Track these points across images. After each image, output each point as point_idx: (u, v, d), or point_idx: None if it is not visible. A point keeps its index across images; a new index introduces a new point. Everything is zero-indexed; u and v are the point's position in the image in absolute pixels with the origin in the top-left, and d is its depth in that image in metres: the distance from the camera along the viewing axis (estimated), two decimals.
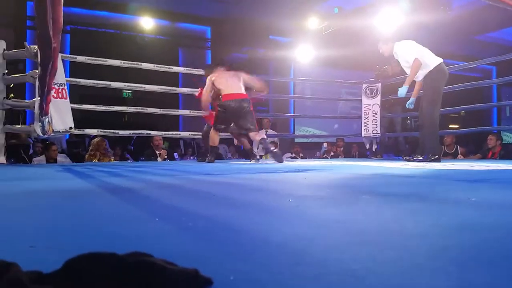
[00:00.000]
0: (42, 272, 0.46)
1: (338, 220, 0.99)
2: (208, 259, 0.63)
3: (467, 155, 6.31)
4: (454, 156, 6.09)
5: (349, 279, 0.53)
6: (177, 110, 6.30)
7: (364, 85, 6.31)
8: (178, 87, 7.39)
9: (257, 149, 5.82)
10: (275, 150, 4.54)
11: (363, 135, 6.33)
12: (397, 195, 1.55)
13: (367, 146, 6.61)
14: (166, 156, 6.12)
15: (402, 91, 4.31)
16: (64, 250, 0.65)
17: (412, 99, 4.38)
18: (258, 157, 4.25)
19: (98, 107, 4.87)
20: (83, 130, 4.85)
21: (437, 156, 4.03)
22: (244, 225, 0.94)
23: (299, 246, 0.71)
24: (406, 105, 4.49)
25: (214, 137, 4.53)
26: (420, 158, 4.06)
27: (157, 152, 6.00)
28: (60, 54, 4.39)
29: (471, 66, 5.73)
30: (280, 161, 4.33)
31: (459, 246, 0.69)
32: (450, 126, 9.69)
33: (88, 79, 4.89)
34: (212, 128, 4.56)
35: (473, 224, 0.90)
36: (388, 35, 4.61)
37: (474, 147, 7.85)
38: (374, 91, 6.16)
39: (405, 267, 0.58)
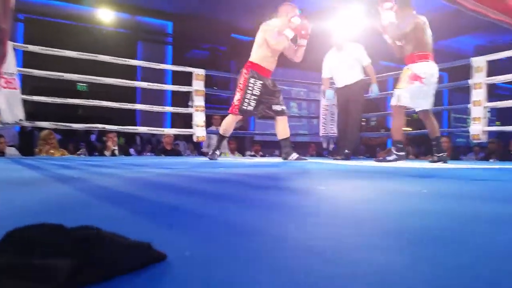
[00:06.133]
0: None
1: (298, 205, 0.99)
2: (163, 238, 0.61)
3: (418, 156, 6.57)
4: (406, 157, 6.33)
5: (308, 254, 0.53)
6: (133, 104, 6.13)
7: (322, 86, 6.42)
8: (136, 81, 7.23)
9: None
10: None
11: (320, 134, 6.44)
12: (352, 187, 1.58)
13: (325, 146, 6.75)
14: (114, 148, 5.95)
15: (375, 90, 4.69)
16: None
17: (375, 87, 4.71)
18: (217, 153, 4.18)
19: (50, 99, 4.65)
20: (34, 123, 4.62)
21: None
22: (201, 210, 0.92)
23: (257, 227, 0.71)
24: (375, 94, 4.74)
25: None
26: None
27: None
28: (11, 43, 4.17)
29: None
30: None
31: (410, 228, 0.72)
32: (403, 128, 10.06)
33: (42, 70, 4.66)
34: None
35: (423, 210, 0.94)
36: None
37: (425, 149, 8.19)
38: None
39: (360, 244, 0.59)
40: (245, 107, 3.83)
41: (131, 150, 7.03)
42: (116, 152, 6.02)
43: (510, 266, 0.48)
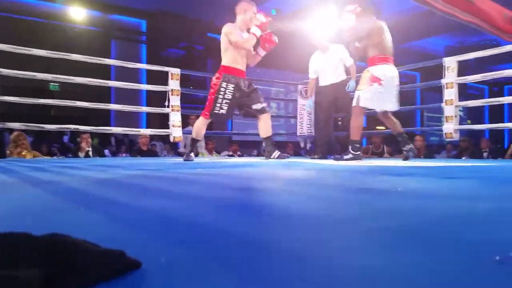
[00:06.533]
0: None
1: (276, 207, 0.99)
2: (138, 245, 0.59)
3: (393, 154, 6.69)
4: (380, 155, 6.44)
5: (286, 258, 0.52)
6: (108, 104, 6.01)
7: (299, 86, 6.48)
8: (109, 80, 7.10)
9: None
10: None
11: (298, 134, 6.48)
12: (329, 186, 1.59)
13: (302, 145, 6.79)
14: (88, 149, 5.83)
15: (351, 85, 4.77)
16: None
17: (352, 82, 4.78)
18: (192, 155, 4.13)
19: (20, 99, 4.51)
20: (4, 124, 4.47)
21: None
22: (178, 215, 0.91)
23: (234, 231, 0.70)
24: (352, 89, 4.80)
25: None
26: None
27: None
28: None
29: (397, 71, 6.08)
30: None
31: (388, 228, 0.72)
32: (377, 127, 10.25)
33: (12, 69, 4.51)
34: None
35: (400, 209, 0.95)
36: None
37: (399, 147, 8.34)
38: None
39: (338, 248, 0.59)
40: (216, 111, 3.82)
41: (106, 151, 6.90)
42: (90, 153, 5.90)
43: (486, 268, 0.48)
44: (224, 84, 3.82)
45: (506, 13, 1.44)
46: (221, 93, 3.82)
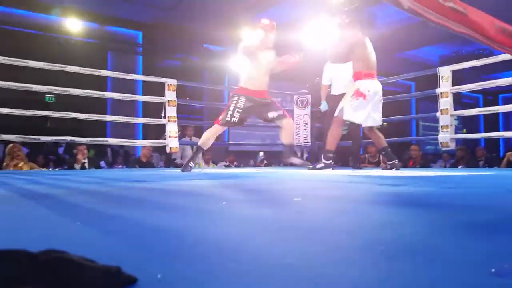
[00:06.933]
0: None
1: (273, 220, 0.99)
2: (134, 260, 0.59)
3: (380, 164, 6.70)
4: (377, 165, 6.44)
5: (281, 272, 0.52)
6: (104, 115, 6.00)
7: (295, 96, 6.50)
8: (106, 91, 7.10)
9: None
10: None
11: (294, 144, 6.48)
12: (327, 197, 1.59)
13: (298, 155, 6.79)
14: (84, 161, 5.81)
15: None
16: None
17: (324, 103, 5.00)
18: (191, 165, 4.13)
19: (15, 111, 4.49)
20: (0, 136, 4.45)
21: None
22: (176, 227, 0.90)
23: (233, 245, 0.69)
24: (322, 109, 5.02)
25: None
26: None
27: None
28: None
29: (392, 80, 6.13)
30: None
31: (382, 240, 0.72)
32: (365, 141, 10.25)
33: (7, 81, 4.50)
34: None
35: (395, 220, 0.95)
36: None
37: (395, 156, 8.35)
38: (305, 102, 6.36)
39: (335, 260, 0.59)
40: (228, 119, 3.85)
41: (102, 163, 6.88)
42: (86, 165, 5.87)
43: (480, 278, 0.48)
44: (236, 97, 3.91)
45: (497, 24, 1.46)
46: (233, 103, 3.86)
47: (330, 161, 3.92)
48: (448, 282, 0.47)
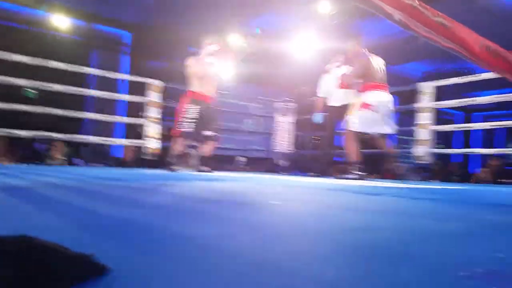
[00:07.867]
0: None
1: (252, 221, 0.99)
2: (106, 250, 0.58)
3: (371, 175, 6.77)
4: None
5: (262, 269, 0.52)
6: (83, 112, 5.88)
7: (276, 104, 6.53)
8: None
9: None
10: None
11: (274, 151, 6.51)
12: (303, 202, 1.60)
13: (280, 163, 6.79)
14: (60, 157, 5.70)
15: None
16: None
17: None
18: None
19: None
20: None
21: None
22: (153, 224, 0.89)
23: (211, 242, 0.69)
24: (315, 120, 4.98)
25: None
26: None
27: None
28: None
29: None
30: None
31: (353, 244, 0.73)
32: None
33: None
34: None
35: (368, 226, 0.96)
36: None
37: (372, 167, 8.45)
38: (288, 110, 6.40)
39: (312, 259, 0.59)
40: (184, 129, 4.09)
41: (78, 161, 6.75)
42: (62, 161, 5.76)
43: (454, 279, 0.49)
44: (188, 105, 4.20)
45: (482, 42, 1.50)
46: (186, 112, 4.14)
47: (360, 173, 3.91)
48: (423, 282, 0.48)
